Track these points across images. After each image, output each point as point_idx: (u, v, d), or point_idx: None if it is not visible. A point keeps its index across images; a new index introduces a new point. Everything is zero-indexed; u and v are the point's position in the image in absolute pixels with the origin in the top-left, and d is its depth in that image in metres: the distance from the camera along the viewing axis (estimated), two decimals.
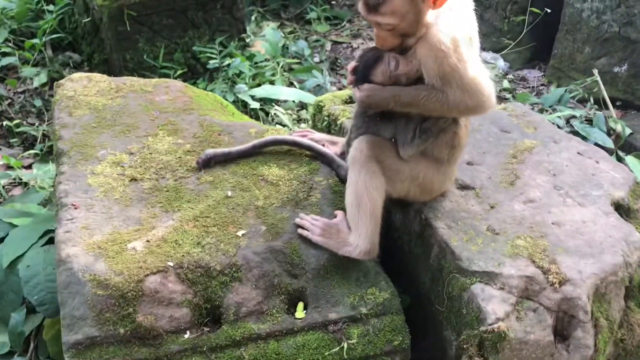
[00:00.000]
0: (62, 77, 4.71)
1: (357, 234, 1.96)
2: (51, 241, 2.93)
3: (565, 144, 2.50)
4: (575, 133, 3.69)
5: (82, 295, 1.81)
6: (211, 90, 4.40)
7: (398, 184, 2.03)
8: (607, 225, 2.10)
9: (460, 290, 1.95)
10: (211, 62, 4.51)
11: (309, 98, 3.78)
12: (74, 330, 1.77)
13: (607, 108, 4.35)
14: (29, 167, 3.85)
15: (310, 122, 3.04)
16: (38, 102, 4.31)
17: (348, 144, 2.17)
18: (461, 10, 1.92)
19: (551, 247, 2.00)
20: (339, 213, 2.11)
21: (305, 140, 2.40)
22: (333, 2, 6.37)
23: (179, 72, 4.57)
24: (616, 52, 4.59)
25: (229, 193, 2.17)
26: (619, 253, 1.99)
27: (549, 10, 4.60)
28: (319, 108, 2.88)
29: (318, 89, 4.69)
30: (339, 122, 2.69)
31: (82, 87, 2.62)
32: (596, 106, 4.52)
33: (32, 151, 3.93)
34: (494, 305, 1.86)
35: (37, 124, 4.21)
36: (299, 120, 4.46)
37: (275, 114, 4.37)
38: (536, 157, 2.41)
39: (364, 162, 1.94)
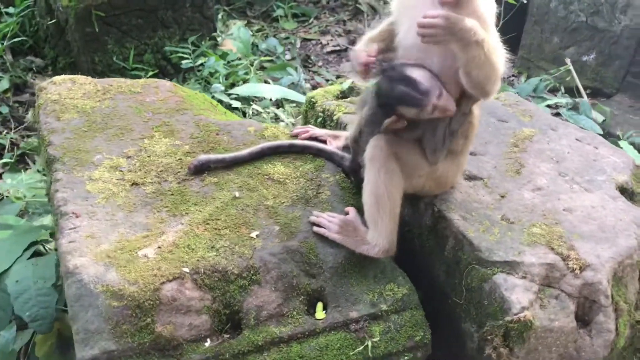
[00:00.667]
0: (25, 82, 4.53)
1: (377, 232, 1.92)
2: (37, 254, 2.79)
3: (563, 131, 2.52)
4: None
5: (96, 308, 1.71)
6: None
7: (415, 179, 2.00)
8: (616, 209, 2.12)
9: (480, 282, 1.93)
10: (184, 62, 4.39)
11: (293, 95, 3.73)
12: (89, 345, 1.67)
13: (580, 96, 4.45)
14: None
15: (301, 119, 2.98)
16: (4, 109, 4.11)
17: (355, 141, 2.13)
18: None
19: (567, 234, 2.00)
20: (351, 209, 2.07)
21: (299, 142, 2.34)
22: None
23: (150, 73, 4.44)
24: (584, 41, 4.70)
25: (237, 194, 2.10)
26: (632, 236, 2.01)
27: (525, 1, 4.66)
28: (311, 104, 2.83)
29: (293, 87, 4.63)
30: (335, 117, 2.64)
31: (67, 90, 2.49)
32: (567, 95, 4.62)
33: (1, 161, 3.75)
34: (518, 294, 1.85)
35: (4, 132, 4.02)
36: (277, 118, 4.40)
37: (253, 112, 4.29)
38: (537, 145, 2.42)
39: (384, 161, 1.89)
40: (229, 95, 4.11)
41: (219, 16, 5.50)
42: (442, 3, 1.80)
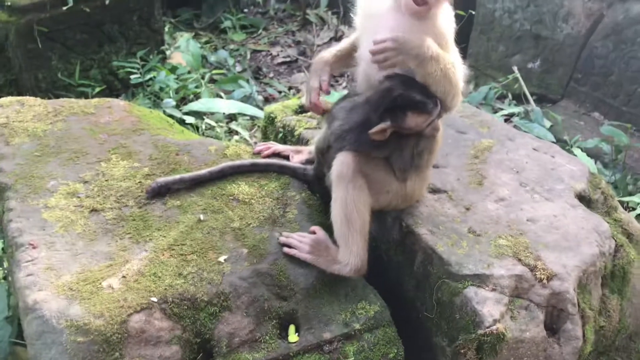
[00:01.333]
0: None
1: (348, 250, 1.90)
2: None
3: (520, 140, 2.57)
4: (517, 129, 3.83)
5: (60, 345, 1.63)
6: None
7: (383, 195, 1.99)
8: (577, 217, 2.17)
9: (451, 296, 1.93)
10: (133, 77, 4.28)
11: (249, 109, 3.68)
12: None
13: (527, 102, 4.57)
14: None
15: (260, 134, 2.94)
16: None
17: (322, 153, 2.11)
18: None
19: (532, 244, 2.03)
20: (317, 229, 2.04)
21: (261, 161, 2.31)
22: (246, 10, 6.28)
23: (97, 89, 4.32)
24: (529, 49, 4.82)
25: (201, 217, 2.04)
26: (594, 244, 2.06)
27: (472, 12, 4.77)
28: (270, 120, 2.79)
29: (246, 99, 4.59)
30: (296, 133, 2.62)
31: (15, 113, 2.38)
32: (515, 101, 4.74)
33: None
34: (489, 307, 1.87)
35: None
36: (230, 132, 4.34)
37: (206, 126, 4.22)
38: (496, 156, 2.46)
39: (351, 178, 1.88)
40: (180, 110, 4.03)
41: (166, 29, 5.39)
42: (412, 13, 1.81)
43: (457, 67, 1.87)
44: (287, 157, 2.39)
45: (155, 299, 1.75)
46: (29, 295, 1.71)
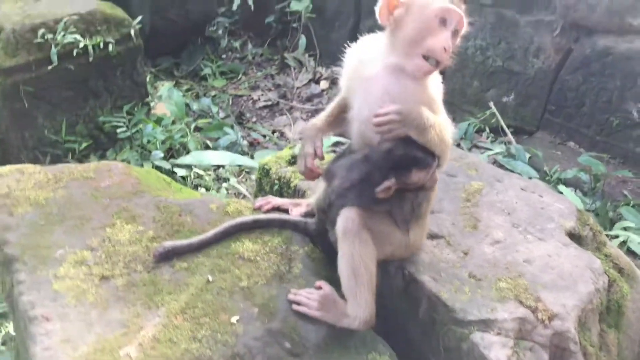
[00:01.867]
0: None
1: (357, 304, 1.96)
2: None
3: (508, 181, 2.67)
4: (501, 166, 3.97)
5: None
6: (123, 160, 4.25)
7: (386, 247, 2.06)
8: (570, 255, 2.26)
9: (458, 342, 2.00)
10: (119, 131, 4.32)
11: (241, 160, 3.75)
12: None
13: (505, 135, 4.72)
14: None
15: (255, 187, 3.00)
16: None
17: (323, 211, 2.17)
18: None
19: (531, 285, 2.12)
20: (323, 284, 2.09)
21: (262, 217, 2.36)
22: (224, 56, 6.38)
23: (84, 144, 4.34)
24: (502, 83, 5.00)
25: (209, 277, 2.09)
26: (590, 282, 2.15)
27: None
28: (265, 172, 2.86)
29: (232, 145, 4.66)
30: (292, 184, 2.69)
31: (16, 182, 2.41)
32: (493, 135, 4.89)
33: None
34: (496, 351, 1.93)
35: None
36: (218, 179, 4.39)
37: (194, 175, 4.27)
38: (487, 198, 2.55)
39: (357, 232, 1.95)
40: (170, 162, 4.09)
41: (147, 78, 5.46)
42: (422, 75, 1.90)
43: (448, 129, 1.98)
44: (286, 211, 2.45)
45: None
46: None
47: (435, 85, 2.01)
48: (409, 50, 1.93)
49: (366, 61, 2.04)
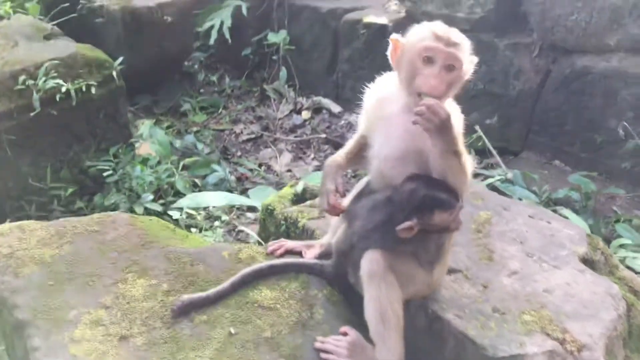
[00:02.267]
0: None
1: (386, 349, 1.94)
2: None
3: (515, 209, 2.68)
4: (501, 192, 3.99)
5: None
6: (111, 204, 4.16)
7: (411, 287, 2.04)
8: (587, 282, 2.27)
9: None
10: (106, 174, 4.24)
11: (238, 200, 3.71)
12: None
13: (492, 157, 4.77)
14: None
15: (258, 229, 2.96)
16: None
17: (344, 254, 2.14)
18: None
19: (555, 316, 2.12)
20: (349, 330, 2.07)
21: (278, 262, 2.32)
22: (202, 91, 6.34)
23: (70, 190, 4.23)
24: (485, 106, 5.06)
25: (232, 330, 2.03)
26: (611, 308, 2.16)
27: None
28: (268, 212, 2.82)
29: (220, 182, 4.61)
30: (299, 224, 2.65)
31: (18, 241, 2.32)
32: (479, 157, 4.94)
33: None
34: None
35: None
36: (209, 217, 4.33)
37: (185, 215, 4.20)
38: (497, 228, 2.56)
39: (382, 275, 1.93)
40: (163, 205, 4.03)
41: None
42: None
43: (469, 162, 1.97)
44: (299, 253, 2.41)
45: None
46: None
47: (456, 121, 2.00)
48: (408, 89, 1.96)
49: (385, 100, 2.04)
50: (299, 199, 2.89)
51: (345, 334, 2.03)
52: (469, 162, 1.99)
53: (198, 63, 6.49)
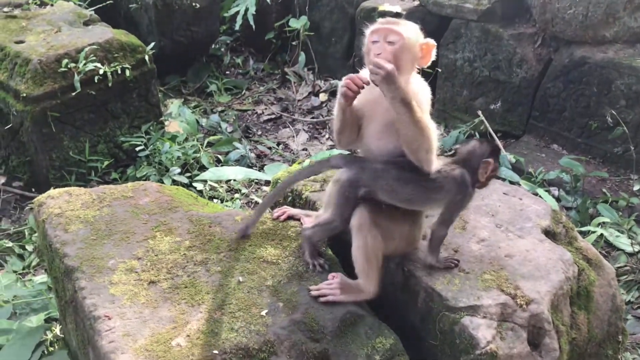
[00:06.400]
0: None
1: (368, 280, 2.43)
2: (44, 354, 3.02)
3: (492, 187, 3.04)
4: None
5: None
6: (143, 176, 4.63)
7: (390, 242, 2.46)
8: (545, 250, 2.65)
9: (451, 325, 2.38)
10: (138, 149, 4.71)
11: (253, 174, 4.13)
12: None
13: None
14: None
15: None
16: None
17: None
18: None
19: (511, 276, 2.50)
20: (334, 274, 2.49)
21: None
22: (228, 72, 6.76)
23: (106, 162, 4.72)
24: (489, 92, 5.39)
25: (240, 279, 2.47)
26: (561, 271, 2.54)
27: (439, 70, 5.34)
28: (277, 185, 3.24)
29: (241, 159, 5.04)
30: (303, 196, 3.07)
31: (66, 203, 2.79)
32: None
33: None
34: (482, 331, 2.32)
35: None
36: (230, 190, 4.78)
37: (209, 187, 4.66)
38: (474, 202, 2.92)
39: (369, 228, 2.38)
40: (190, 179, 4.49)
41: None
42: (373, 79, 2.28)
43: (428, 127, 2.31)
44: (299, 220, 2.83)
45: (216, 352, 2.16)
46: (115, 358, 2.10)
47: (421, 92, 2.39)
48: (369, 67, 2.33)
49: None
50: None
51: (333, 278, 2.47)
52: (430, 130, 2.32)
53: (224, 46, 6.90)
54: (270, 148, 5.49)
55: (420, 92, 2.42)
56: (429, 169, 2.41)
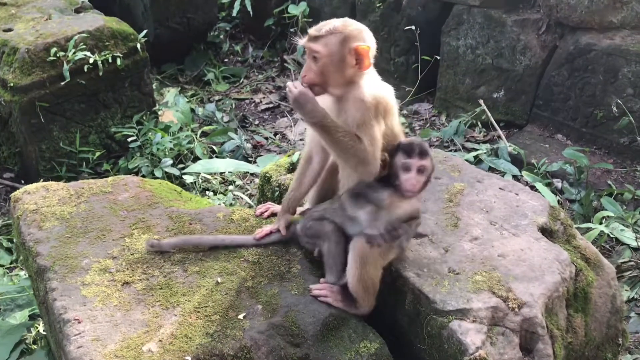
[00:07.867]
0: None
1: (365, 302, 2.36)
2: (24, 353, 2.94)
3: (487, 182, 2.92)
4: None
5: None
6: (135, 167, 4.53)
7: (386, 256, 2.36)
8: (540, 249, 2.52)
9: (439, 329, 2.27)
10: (130, 140, 4.60)
11: (245, 167, 4.01)
12: None
13: (495, 130, 4.96)
14: None
15: (258, 193, 3.27)
16: None
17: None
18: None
19: (503, 277, 2.38)
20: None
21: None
22: (226, 60, 6.63)
23: (97, 154, 4.62)
24: (492, 80, 5.23)
25: (218, 279, 2.36)
26: (556, 272, 2.41)
27: (438, 57, 5.18)
28: (266, 179, 3.12)
29: (237, 150, 4.93)
30: None
31: (42, 199, 2.69)
32: (484, 129, 5.14)
33: None
34: (471, 336, 2.20)
35: None
36: (224, 182, 4.67)
37: (202, 179, 4.55)
38: (468, 198, 2.81)
39: (374, 259, 2.30)
40: (180, 170, 4.38)
41: (154, 86, 5.72)
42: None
43: (366, 138, 2.20)
44: None
45: (189, 358, 2.06)
46: None
47: (375, 96, 2.25)
48: None
49: None
50: (294, 167, 3.17)
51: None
52: (367, 142, 2.20)
53: (223, 33, 6.76)
54: (267, 138, 5.36)
55: (374, 96, 2.25)
56: (369, 178, 2.31)
